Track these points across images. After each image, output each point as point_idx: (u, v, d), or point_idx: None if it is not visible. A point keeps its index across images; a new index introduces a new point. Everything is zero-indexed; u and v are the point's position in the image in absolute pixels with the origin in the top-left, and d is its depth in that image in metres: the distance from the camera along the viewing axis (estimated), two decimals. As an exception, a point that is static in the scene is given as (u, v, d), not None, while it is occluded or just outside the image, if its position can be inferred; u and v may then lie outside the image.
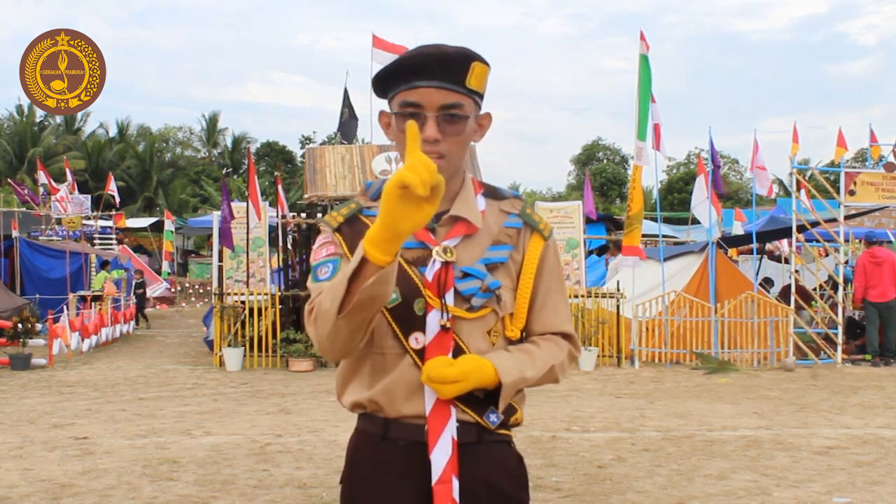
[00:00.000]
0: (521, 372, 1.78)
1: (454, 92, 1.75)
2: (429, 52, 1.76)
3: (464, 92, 1.76)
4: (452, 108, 1.75)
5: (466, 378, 1.71)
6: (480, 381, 1.72)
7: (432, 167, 1.44)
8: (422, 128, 1.73)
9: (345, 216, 1.85)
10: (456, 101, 1.75)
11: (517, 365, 1.78)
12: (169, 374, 11.04)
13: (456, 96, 1.75)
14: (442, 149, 1.74)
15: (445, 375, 1.69)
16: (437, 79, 1.74)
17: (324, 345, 1.69)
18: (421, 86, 1.74)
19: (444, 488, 1.73)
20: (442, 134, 1.74)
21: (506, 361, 1.77)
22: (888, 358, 12.27)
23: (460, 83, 1.75)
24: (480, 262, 1.80)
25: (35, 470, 5.78)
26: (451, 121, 1.75)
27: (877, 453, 6.41)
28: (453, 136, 1.76)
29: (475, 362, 1.72)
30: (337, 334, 1.64)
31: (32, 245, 18.05)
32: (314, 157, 14.25)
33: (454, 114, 1.75)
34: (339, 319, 1.61)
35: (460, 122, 1.76)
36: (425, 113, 1.74)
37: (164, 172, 45.06)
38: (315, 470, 5.79)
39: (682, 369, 11.66)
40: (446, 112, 1.75)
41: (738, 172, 48.54)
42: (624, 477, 5.66)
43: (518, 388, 1.79)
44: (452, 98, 1.75)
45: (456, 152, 1.78)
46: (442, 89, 1.74)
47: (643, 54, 11.85)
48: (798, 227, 12.83)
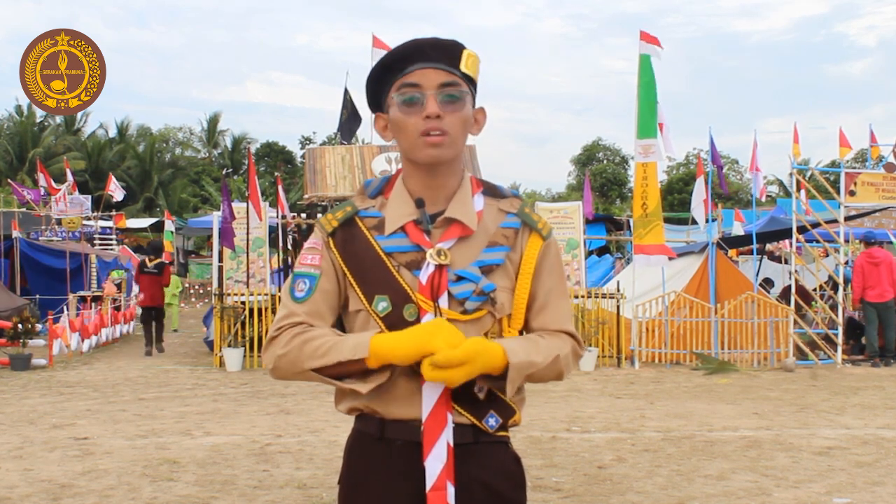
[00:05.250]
0: (529, 355, 1.74)
1: (450, 73, 1.77)
2: (421, 39, 1.80)
3: (459, 74, 1.79)
4: (451, 87, 1.77)
5: (473, 360, 1.65)
6: (487, 363, 1.67)
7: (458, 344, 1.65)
8: (422, 107, 1.75)
9: (340, 220, 1.84)
10: (453, 80, 1.77)
11: (525, 348, 1.75)
12: (169, 374, 11.04)
13: (453, 76, 1.77)
14: (444, 125, 1.75)
15: (451, 359, 1.63)
16: (433, 60, 1.77)
17: (278, 374, 1.79)
18: (417, 68, 1.76)
19: (439, 495, 1.73)
20: (443, 112, 1.75)
21: (513, 344, 1.75)
22: (888, 358, 12.27)
23: (455, 66, 1.78)
24: (475, 264, 1.79)
25: (35, 470, 5.78)
26: (451, 99, 1.77)
27: (877, 454, 6.40)
28: (454, 114, 1.77)
29: (481, 344, 1.68)
30: (301, 377, 1.76)
31: (33, 245, 18.05)
32: (314, 157, 14.27)
33: (453, 92, 1.77)
34: (311, 373, 1.74)
35: (460, 100, 1.78)
36: (424, 92, 1.76)
37: (164, 173, 45.06)
38: (315, 470, 5.79)
39: (682, 370, 11.66)
40: (445, 90, 1.76)
41: (738, 173, 48.51)
42: (624, 477, 5.66)
43: (526, 371, 1.74)
44: (450, 77, 1.77)
45: (458, 132, 1.79)
46: (439, 69, 1.77)
47: (644, 54, 11.85)
48: (798, 227, 12.83)
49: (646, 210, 11.80)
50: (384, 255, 1.78)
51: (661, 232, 11.90)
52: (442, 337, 1.65)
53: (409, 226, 1.80)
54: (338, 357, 1.69)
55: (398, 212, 1.81)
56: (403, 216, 1.80)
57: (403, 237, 1.79)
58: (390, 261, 1.78)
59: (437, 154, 1.76)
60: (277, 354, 1.76)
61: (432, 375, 1.65)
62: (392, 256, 1.78)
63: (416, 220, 1.80)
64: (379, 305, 1.77)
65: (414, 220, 1.80)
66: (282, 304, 1.84)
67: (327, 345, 1.72)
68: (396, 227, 1.80)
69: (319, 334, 1.75)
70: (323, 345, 1.72)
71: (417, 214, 1.79)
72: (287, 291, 1.83)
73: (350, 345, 1.71)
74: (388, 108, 1.82)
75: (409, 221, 1.80)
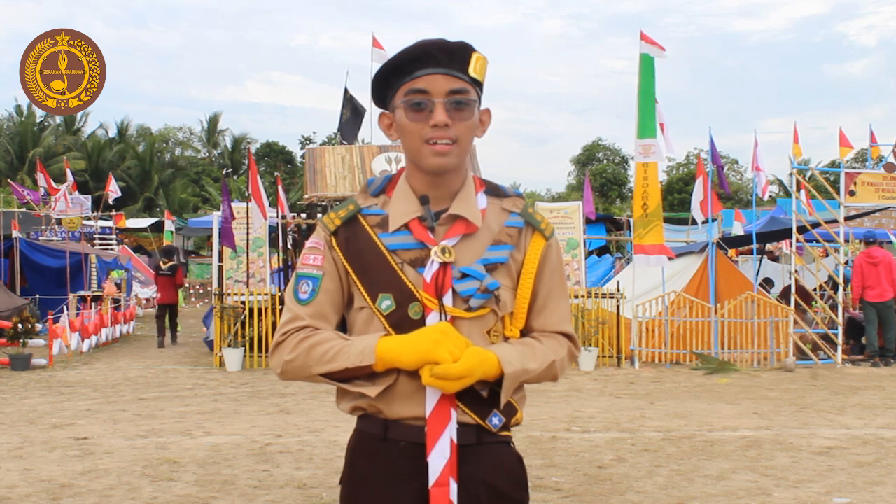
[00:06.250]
0: (523, 363, 1.77)
1: (459, 78, 1.76)
2: (430, 42, 1.78)
3: (468, 80, 1.77)
4: (459, 94, 1.75)
5: (472, 373, 1.70)
6: (485, 373, 1.72)
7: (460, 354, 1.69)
8: (430, 114, 1.74)
9: (342, 218, 1.84)
10: (462, 87, 1.76)
11: (520, 357, 1.78)
12: (169, 374, 11.04)
13: (461, 83, 1.76)
14: (452, 134, 1.75)
15: (450, 373, 1.67)
16: (441, 66, 1.75)
17: (286, 378, 1.82)
18: (426, 73, 1.75)
19: (442, 491, 1.73)
20: (451, 119, 1.75)
21: (508, 352, 1.77)
22: (888, 358, 12.27)
23: (464, 71, 1.77)
24: (479, 262, 1.79)
25: (35, 470, 5.78)
26: (459, 107, 1.76)
27: (877, 453, 6.40)
28: (462, 122, 1.76)
29: (479, 356, 1.71)
30: (310, 381, 1.80)
31: (33, 245, 18.04)
32: (314, 157, 14.27)
33: (461, 99, 1.75)
34: (320, 377, 1.77)
35: (468, 107, 1.77)
36: (433, 99, 1.75)
37: (164, 172, 45.06)
38: (315, 470, 5.79)
39: (682, 370, 11.65)
40: (454, 97, 1.75)
41: (738, 172, 48.52)
42: (624, 477, 5.66)
43: (520, 379, 1.78)
44: (458, 84, 1.76)
45: (465, 139, 1.78)
46: (448, 76, 1.75)
47: (644, 54, 11.85)
48: (798, 227, 12.83)
49: (646, 210, 11.80)
50: (388, 253, 1.78)
51: (661, 232, 11.90)
52: (447, 347, 1.68)
53: (413, 223, 1.80)
54: (345, 363, 1.72)
55: (402, 209, 1.81)
56: (407, 213, 1.80)
57: (407, 234, 1.79)
58: (394, 258, 1.78)
59: (444, 163, 1.76)
60: (285, 360, 1.78)
61: (431, 382, 1.70)
62: (396, 254, 1.78)
63: (421, 217, 1.80)
64: (383, 304, 1.77)
65: (418, 217, 1.80)
66: (286, 308, 1.84)
67: (333, 350, 1.74)
68: (400, 225, 1.80)
69: (325, 338, 1.76)
70: (329, 350, 1.74)
71: (422, 211, 1.79)
72: (291, 293, 1.83)
73: (356, 350, 1.72)
74: (394, 108, 1.82)
75: (413, 218, 1.80)
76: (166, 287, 15.09)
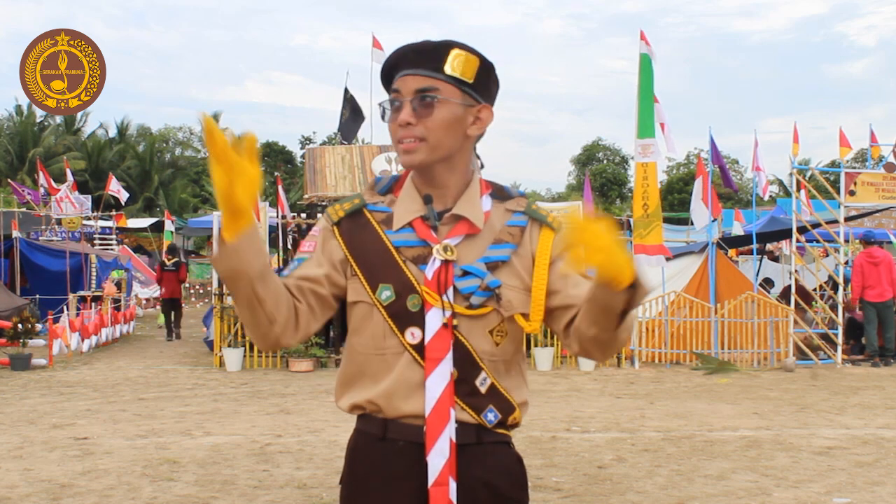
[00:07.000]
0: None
1: (429, 77, 1.78)
2: (409, 45, 1.83)
3: (442, 78, 1.79)
4: (425, 92, 1.78)
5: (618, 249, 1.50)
6: (627, 260, 1.51)
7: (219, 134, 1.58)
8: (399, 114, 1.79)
9: (347, 211, 1.87)
10: (430, 86, 1.78)
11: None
12: (169, 374, 11.04)
13: (430, 81, 1.78)
14: (418, 132, 1.77)
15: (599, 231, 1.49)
16: (412, 66, 1.79)
17: (260, 344, 1.79)
18: (401, 75, 1.81)
19: (441, 490, 1.73)
20: (417, 117, 1.77)
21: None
22: (888, 358, 12.27)
23: (437, 69, 1.79)
24: (480, 260, 1.80)
25: (35, 470, 5.78)
26: (423, 104, 1.78)
27: (877, 453, 6.41)
28: (428, 119, 1.78)
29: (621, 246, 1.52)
30: (240, 317, 1.75)
31: (33, 245, 18.04)
32: (314, 157, 14.25)
33: (426, 96, 1.78)
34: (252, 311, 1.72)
35: (433, 104, 1.78)
36: (403, 98, 1.79)
37: (164, 173, 45.04)
38: (315, 470, 5.79)
39: (682, 370, 11.65)
40: (419, 95, 1.78)
41: (738, 172, 48.52)
42: (624, 477, 5.66)
43: (643, 298, 1.61)
44: (426, 83, 1.78)
45: (438, 136, 1.78)
46: (416, 75, 1.79)
47: (644, 53, 11.85)
48: (798, 227, 12.82)
49: (646, 210, 11.80)
50: (392, 248, 1.80)
51: (660, 232, 11.90)
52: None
53: (416, 221, 1.82)
54: None
55: (406, 208, 1.84)
56: (411, 212, 1.83)
57: (411, 232, 1.81)
58: (397, 253, 1.80)
59: (410, 160, 1.79)
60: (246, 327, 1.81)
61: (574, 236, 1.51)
62: (399, 251, 1.80)
63: (424, 217, 1.82)
64: (383, 294, 1.78)
65: (421, 217, 1.82)
66: None
67: None
68: (404, 223, 1.82)
69: None
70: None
71: (425, 211, 1.82)
72: None
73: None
74: None
75: (416, 217, 1.82)
76: (171, 282, 16.04)
